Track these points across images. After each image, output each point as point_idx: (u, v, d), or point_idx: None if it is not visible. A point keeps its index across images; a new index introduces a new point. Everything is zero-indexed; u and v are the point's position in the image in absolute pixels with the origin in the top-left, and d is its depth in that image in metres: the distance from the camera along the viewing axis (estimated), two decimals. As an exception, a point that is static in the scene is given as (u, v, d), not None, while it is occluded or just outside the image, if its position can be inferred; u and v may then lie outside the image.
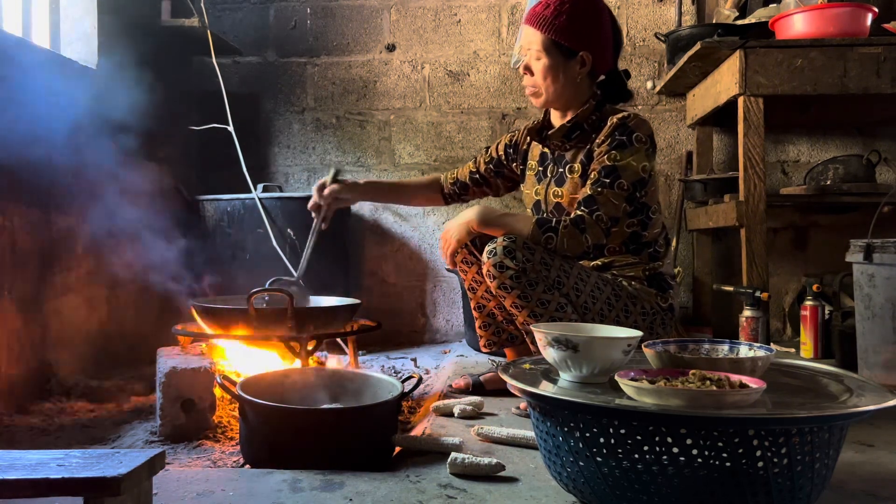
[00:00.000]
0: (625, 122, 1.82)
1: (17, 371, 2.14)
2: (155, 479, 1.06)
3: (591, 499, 1.13)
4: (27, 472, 0.94)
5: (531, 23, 1.87)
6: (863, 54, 2.49)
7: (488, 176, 2.16)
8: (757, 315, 2.42)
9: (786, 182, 3.29)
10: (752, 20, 2.81)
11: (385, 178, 3.40)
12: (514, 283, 1.69)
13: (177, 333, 2.09)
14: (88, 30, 2.66)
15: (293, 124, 3.44)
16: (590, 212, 1.75)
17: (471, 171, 2.18)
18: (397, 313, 3.38)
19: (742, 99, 2.52)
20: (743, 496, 1.03)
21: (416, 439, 1.55)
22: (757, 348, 1.29)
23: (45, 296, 2.29)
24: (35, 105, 2.23)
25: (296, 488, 1.31)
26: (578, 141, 1.90)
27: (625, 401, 1.07)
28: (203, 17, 2.96)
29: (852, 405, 1.06)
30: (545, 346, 1.24)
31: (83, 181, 2.51)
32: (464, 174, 2.19)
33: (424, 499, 1.25)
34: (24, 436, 1.85)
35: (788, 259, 3.28)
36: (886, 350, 2.10)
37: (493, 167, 2.15)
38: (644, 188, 1.81)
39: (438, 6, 3.39)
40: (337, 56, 3.42)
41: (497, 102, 3.38)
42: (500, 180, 2.16)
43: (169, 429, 1.76)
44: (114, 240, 2.72)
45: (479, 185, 2.18)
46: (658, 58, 3.32)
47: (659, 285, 1.86)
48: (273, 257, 2.80)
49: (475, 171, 2.17)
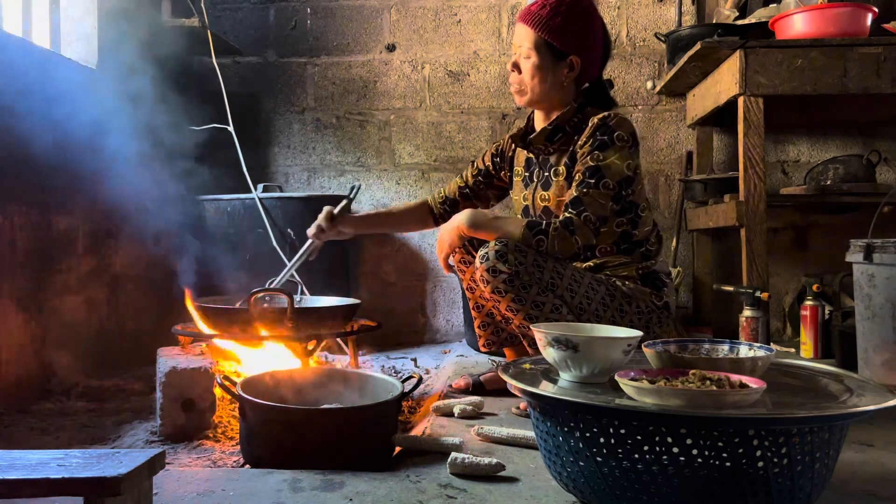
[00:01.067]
0: (605, 121, 1.81)
1: (17, 371, 2.14)
2: (155, 479, 1.06)
3: (591, 499, 1.13)
4: (27, 472, 0.94)
5: (525, 20, 1.86)
6: (863, 54, 2.49)
7: (477, 188, 2.15)
8: (757, 315, 2.41)
9: (786, 182, 3.29)
10: (752, 20, 2.81)
11: (385, 177, 3.41)
12: (508, 286, 1.69)
13: (177, 333, 2.09)
14: (88, 30, 2.66)
15: (293, 124, 3.44)
16: (577, 213, 1.75)
17: (459, 186, 2.17)
18: (397, 313, 3.38)
19: (742, 99, 2.52)
20: (743, 496, 1.03)
21: (416, 439, 1.55)
22: (757, 348, 1.29)
23: (45, 296, 2.29)
24: (35, 105, 2.23)
25: (296, 488, 1.31)
26: (561, 143, 1.90)
27: (625, 401, 1.07)
28: (203, 17, 2.96)
29: (852, 405, 1.06)
30: (545, 347, 1.24)
31: (83, 181, 2.52)
32: (452, 190, 2.18)
33: (424, 499, 1.25)
34: (24, 436, 1.85)
35: (788, 259, 3.28)
36: (886, 350, 2.10)
37: (481, 178, 2.14)
38: (630, 186, 1.81)
39: (438, 6, 3.39)
40: (337, 56, 3.42)
41: (497, 102, 3.38)
42: (490, 191, 2.16)
43: (169, 429, 1.76)
44: (114, 240, 2.72)
45: (468, 198, 2.17)
46: (658, 58, 3.32)
47: (653, 284, 1.86)
48: (273, 257, 2.79)
49: (464, 185, 2.16)
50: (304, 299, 2.30)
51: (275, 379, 1.72)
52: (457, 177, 2.21)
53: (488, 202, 2.19)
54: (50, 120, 2.27)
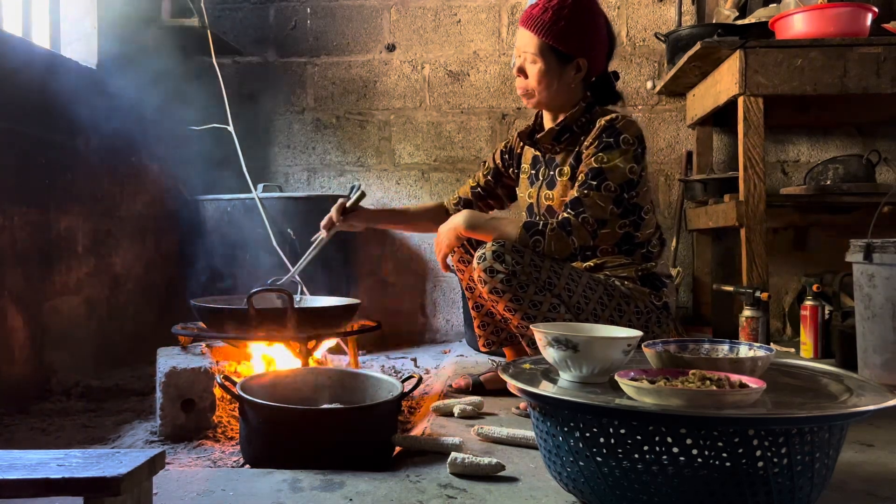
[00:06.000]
0: (613, 123, 1.80)
1: (17, 371, 2.14)
2: (155, 479, 1.06)
3: (591, 499, 1.13)
4: (27, 472, 0.94)
5: (527, 25, 1.84)
6: (863, 54, 2.49)
7: (489, 188, 2.15)
8: (757, 315, 2.41)
9: (786, 182, 3.29)
10: (752, 20, 2.81)
11: (385, 177, 3.41)
12: (506, 286, 1.69)
13: (177, 333, 2.09)
14: (88, 30, 2.66)
15: (293, 124, 3.44)
16: (576, 214, 1.75)
17: (472, 186, 2.18)
18: (397, 313, 3.38)
19: (742, 99, 2.52)
20: (743, 496, 1.03)
21: (416, 439, 1.55)
22: (757, 348, 1.29)
23: (45, 295, 2.29)
24: (35, 105, 2.23)
25: (296, 488, 1.31)
26: (568, 144, 1.90)
27: (625, 401, 1.07)
28: (203, 17, 2.96)
29: (852, 405, 1.06)
30: (545, 346, 1.24)
31: (83, 181, 2.52)
32: (466, 192, 2.18)
33: (424, 499, 1.25)
34: (24, 436, 1.85)
35: (788, 259, 3.28)
36: (886, 350, 2.10)
37: (492, 178, 2.14)
38: (633, 189, 1.80)
39: (438, 6, 3.39)
40: (337, 56, 3.42)
41: (497, 102, 3.38)
42: (501, 190, 2.16)
43: (169, 429, 1.76)
44: (114, 239, 2.72)
45: (481, 198, 2.17)
46: (658, 58, 3.32)
47: (652, 284, 1.86)
48: (273, 257, 2.79)
49: (476, 185, 2.17)
50: (304, 299, 2.30)
51: (275, 379, 1.72)
52: (470, 178, 2.22)
53: (502, 202, 2.19)
54: (50, 120, 2.27)
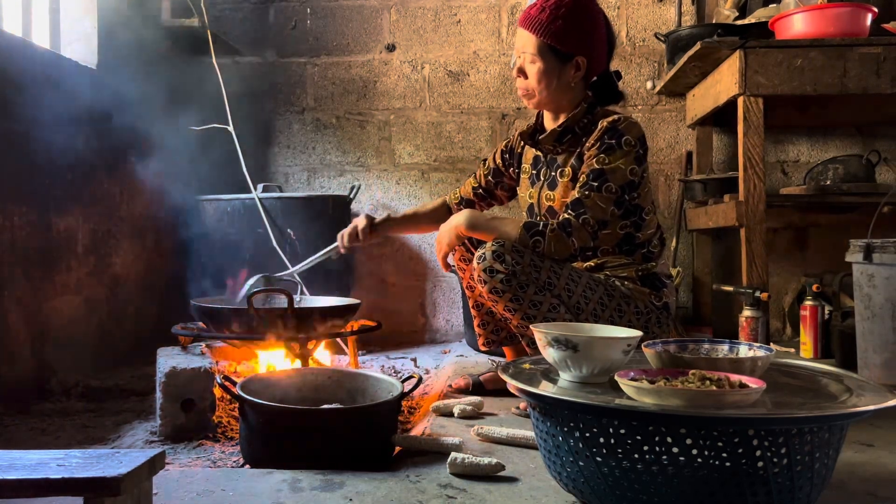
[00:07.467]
0: (615, 125, 1.80)
1: (17, 371, 2.14)
2: (155, 479, 1.06)
3: (591, 499, 1.13)
4: (27, 472, 0.94)
5: (526, 26, 1.84)
6: (863, 54, 2.49)
7: (490, 187, 2.15)
8: (757, 315, 2.42)
9: (786, 182, 3.29)
10: (752, 20, 2.81)
11: (385, 177, 3.41)
12: (505, 286, 1.69)
13: (177, 333, 2.09)
14: (88, 30, 2.66)
15: (293, 124, 3.44)
16: (576, 215, 1.74)
17: (473, 186, 2.18)
18: (397, 313, 3.38)
19: (742, 99, 2.52)
20: (743, 496, 1.03)
21: (416, 439, 1.55)
22: (757, 348, 1.29)
23: (46, 296, 2.29)
24: (35, 105, 2.23)
25: (296, 488, 1.31)
26: (570, 144, 1.90)
27: (625, 401, 1.07)
28: (203, 17, 2.96)
29: (852, 405, 1.06)
30: (545, 346, 1.24)
31: (83, 181, 2.52)
32: (467, 191, 2.18)
33: (424, 499, 1.25)
34: (24, 436, 1.85)
35: (788, 259, 3.28)
36: (886, 350, 2.10)
37: (492, 178, 2.14)
38: (634, 191, 1.81)
39: (438, 6, 3.39)
40: (337, 56, 3.42)
41: (497, 102, 3.38)
42: (501, 190, 2.16)
43: (169, 429, 1.76)
44: (114, 239, 2.72)
45: (483, 198, 2.17)
46: (658, 58, 3.32)
47: (652, 284, 1.86)
48: (273, 257, 2.79)
49: (477, 185, 2.17)
50: (303, 299, 2.31)
51: (275, 379, 1.72)
52: (471, 177, 2.22)
53: (502, 202, 2.19)
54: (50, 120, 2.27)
